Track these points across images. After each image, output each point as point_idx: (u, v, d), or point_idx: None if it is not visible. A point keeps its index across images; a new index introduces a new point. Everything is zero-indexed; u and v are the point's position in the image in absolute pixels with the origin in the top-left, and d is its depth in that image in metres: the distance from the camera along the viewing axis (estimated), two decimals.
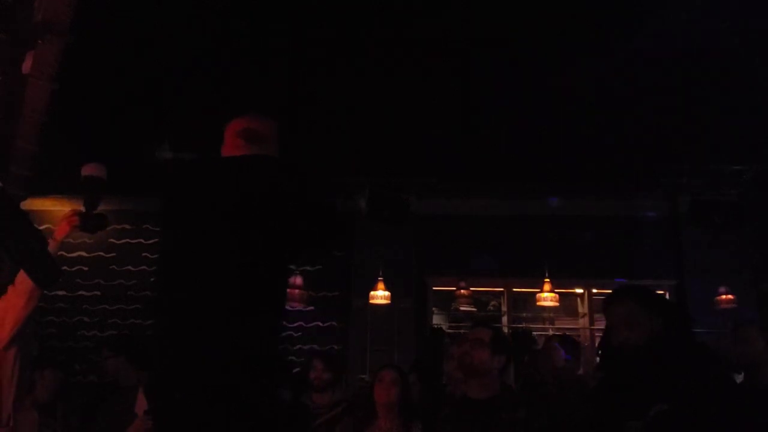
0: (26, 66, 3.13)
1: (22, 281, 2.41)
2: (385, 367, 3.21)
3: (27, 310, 2.47)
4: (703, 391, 1.77)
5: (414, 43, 3.62)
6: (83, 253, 5.94)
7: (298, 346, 5.53)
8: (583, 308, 6.22)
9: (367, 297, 5.55)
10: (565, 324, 6.12)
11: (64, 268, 5.43)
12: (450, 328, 5.94)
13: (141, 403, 3.25)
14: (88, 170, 2.59)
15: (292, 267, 2.34)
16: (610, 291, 2.12)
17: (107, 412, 3.20)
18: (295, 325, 5.63)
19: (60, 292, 5.62)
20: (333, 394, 3.59)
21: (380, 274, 5.52)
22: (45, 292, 4.62)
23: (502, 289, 6.14)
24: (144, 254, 5.80)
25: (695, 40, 3.41)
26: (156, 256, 2.01)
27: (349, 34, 3.55)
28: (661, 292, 5.26)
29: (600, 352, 2.14)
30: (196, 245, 1.81)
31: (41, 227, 4.69)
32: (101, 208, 2.58)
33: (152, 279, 1.87)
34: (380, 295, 5.51)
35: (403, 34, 3.54)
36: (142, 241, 5.85)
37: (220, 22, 3.48)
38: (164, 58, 3.69)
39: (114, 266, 5.90)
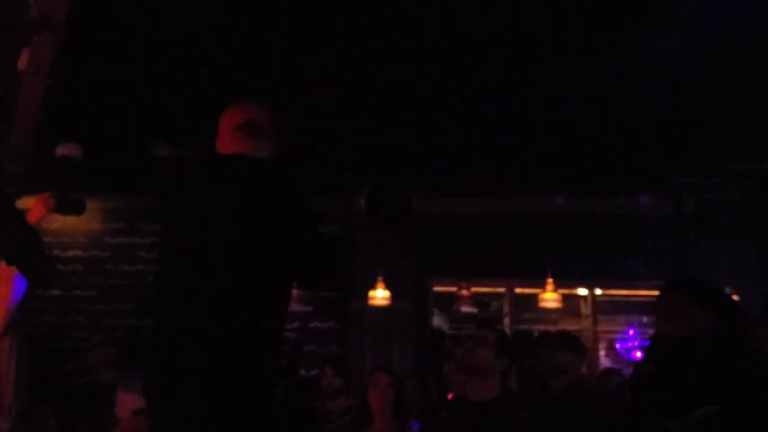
0: (22, 62, 3.10)
1: (6, 267, 2.36)
2: (378, 370, 3.21)
3: (17, 297, 2.42)
4: (757, 397, 1.68)
5: (414, 39, 3.58)
6: (78, 253, 5.90)
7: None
8: (586, 309, 6.18)
9: (366, 297, 5.50)
10: (568, 325, 6.08)
11: (59, 267, 5.39)
12: (451, 329, 5.90)
13: (122, 405, 3.18)
14: (62, 150, 2.51)
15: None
16: (613, 292, 2.08)
17: (88, 413, 3.14)
18: (294, 325, 5.59)
19: (55, 292, 5.57)
20: (346, 400, 3.60)
21: (380, 274, 5.47)
22: (39, 291, 4.59)
23: (504, 290, 6.11)
24: (140, 253, 5.74)
25: (701, 37, 3.38)
26: (155, 254, 1.98)
27: (348, 32, 3.50)
28: None
29: (648, 345, 2.08)
30: (197, 245, 1.79)
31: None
32: (98, 201, 2.51)
33: (151, 278, 1.87)
34: (380, 296, 5.45)
35: (403, 29, 3.50)
36: (137, 240, 5.80)
37: (218, 16, 3.44)
38: (161, 53, 3.65)
39: (109, 265, 5.85)
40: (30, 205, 2.64)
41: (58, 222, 5.11)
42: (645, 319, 5.79)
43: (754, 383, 1.71)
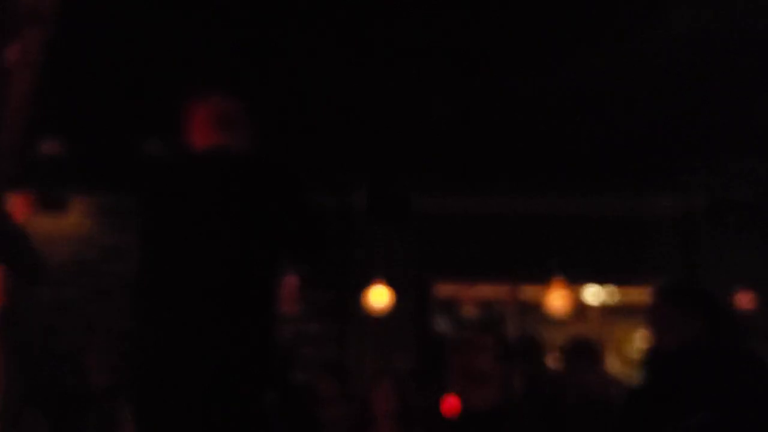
0: (10, 57, 3.04)
1: None
2: (383, 375, 3.20)
3: (5, 300, 2.40)
4: (751, 402, 1.67)
5: (415, 38, 3.51)
6: (69, 251, 5.83)
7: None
8: (593, 312, 6.13)
9: (365, 299, 5.44)
10: (574, 329, 6.00)
11: (49, 266, 5.32)
12: (453, 332, 5.85)
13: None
14: (46, 147, 2.52)
15: (287, 267, 2.37)
16: (621, 294, 2.09)
17: (82, 417, 3.11)
18: (291, 327, 5.52)
19: (46, 292, 5.50)
20: (343, 406, 3.60)
21: (380, 275, 5.40)
22: (29, 291, 4.49)
23: (507, 292, 6.04)
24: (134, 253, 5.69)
25: (713, 30, 3.30)
26: (139, 252, 1.96)
27: (348, 31, 3.45)
28: None
29: (645, 354, 2.10)
30: (182, 243, 1.78)
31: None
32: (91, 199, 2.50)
33: (132, 278, 1.87)
34: (380, 297, 5.39)
35: (402, 28, 3.44)
36: (131, 239, 5.74)
37: (212, 12, 3.37)
38: (156, 48, 3.58)
39: (101, 265, 5.78)
40: (12, 203, 2.59)
41: (49, 220, 5.06)
42: None
43: (749, 390, 1.71)
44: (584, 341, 3.70)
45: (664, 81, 3.85)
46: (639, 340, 5.97)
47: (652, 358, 1.97)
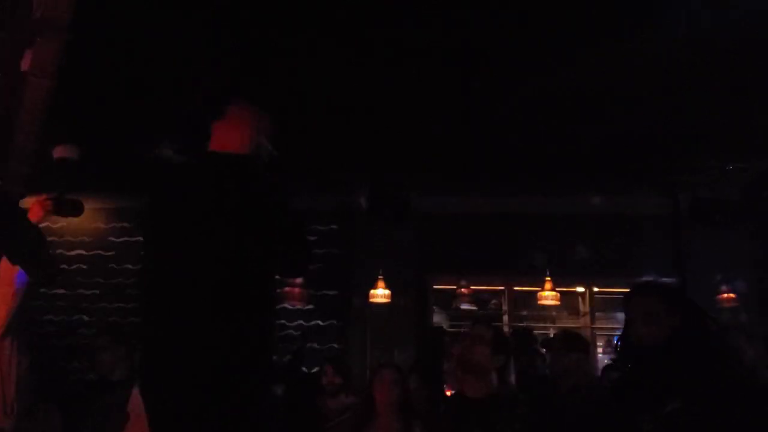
0: (25, 63, 3.11)
1: (6, 269, 2.37)
2: (384, 365, 3.24)
3: (17, 298, 2.44)
4: (718, 390, 1.77)
5: (415, 38, 3.52)
6: (82, 252, 5.93)
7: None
8: (584, 307, 6.19)
9: (367, 295, 5.53)
10: (566, 323, 6.10)
11: (63, 266, 5.42)
12: (450, 326, 5.91)
13: (135, 401, 3.19)
14: (60, 152, 2.52)
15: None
16: (611, 289, 2.12)
17: (96, 410, 3.13)
18: (295, 324, 5.62)
19: (59, 291, 5.60)
20: (346, 398, 3.64)
21: (380, 272, 5.49)
22: (43, 290, 4.59)
23: (502, 288, 6.11)
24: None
25: (698, 34, 3.33)
26: (143, 254, 2.00)
27: (349, 31, 3.45)
28: None
29: (618, 346, 2.13)
30: (186, 243, 1.80)
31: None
32: (103, 201, 2.52)
33: (137, 279, 1.86)
34: (380, 294, 5.49)
35: (402, 28, 3.47)
36: (141, 239, 5.80)
37: (220, 17, 3.42)
38: (166, 54, 3.63)
39: (113, 264, 5.87)
40: (29, 206, 2.65)
41: (63, 221, 5.14)
42: None
43: (717, 378, 1.80)
44: (574, 334, 3.78)
45: (657, 84, 3.86)
46: None
47: (628, 351, 1.99)
